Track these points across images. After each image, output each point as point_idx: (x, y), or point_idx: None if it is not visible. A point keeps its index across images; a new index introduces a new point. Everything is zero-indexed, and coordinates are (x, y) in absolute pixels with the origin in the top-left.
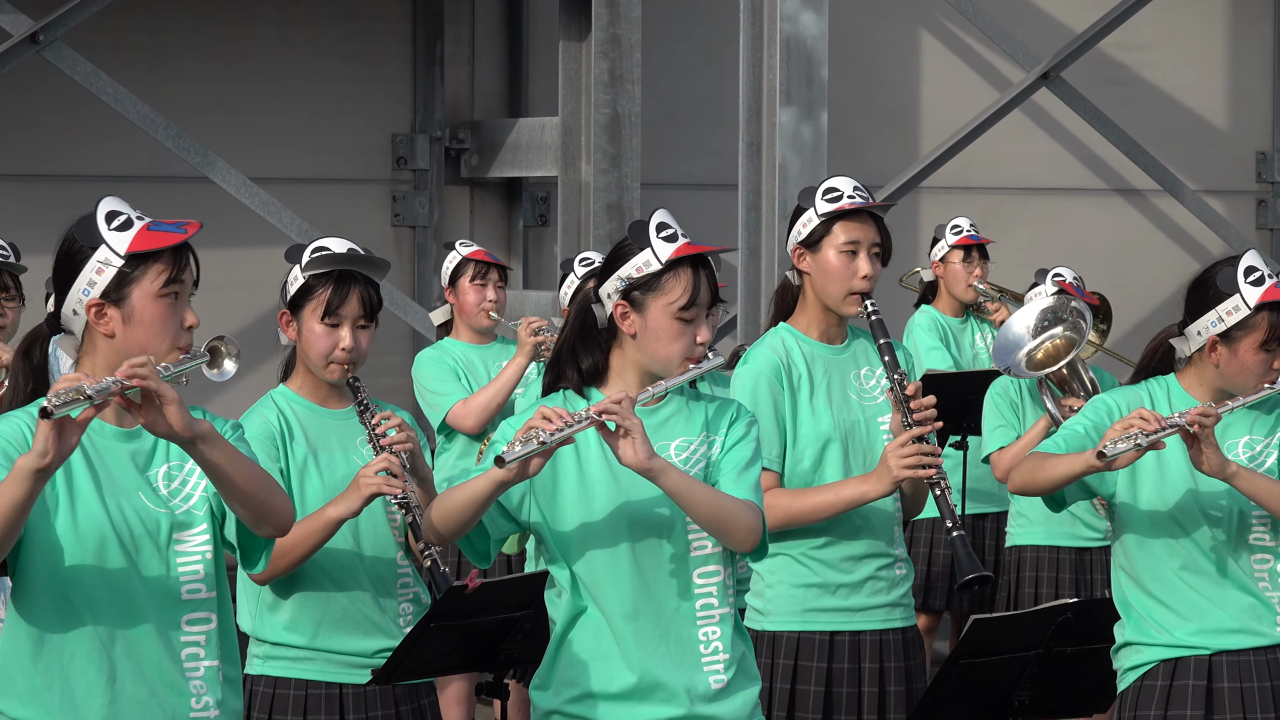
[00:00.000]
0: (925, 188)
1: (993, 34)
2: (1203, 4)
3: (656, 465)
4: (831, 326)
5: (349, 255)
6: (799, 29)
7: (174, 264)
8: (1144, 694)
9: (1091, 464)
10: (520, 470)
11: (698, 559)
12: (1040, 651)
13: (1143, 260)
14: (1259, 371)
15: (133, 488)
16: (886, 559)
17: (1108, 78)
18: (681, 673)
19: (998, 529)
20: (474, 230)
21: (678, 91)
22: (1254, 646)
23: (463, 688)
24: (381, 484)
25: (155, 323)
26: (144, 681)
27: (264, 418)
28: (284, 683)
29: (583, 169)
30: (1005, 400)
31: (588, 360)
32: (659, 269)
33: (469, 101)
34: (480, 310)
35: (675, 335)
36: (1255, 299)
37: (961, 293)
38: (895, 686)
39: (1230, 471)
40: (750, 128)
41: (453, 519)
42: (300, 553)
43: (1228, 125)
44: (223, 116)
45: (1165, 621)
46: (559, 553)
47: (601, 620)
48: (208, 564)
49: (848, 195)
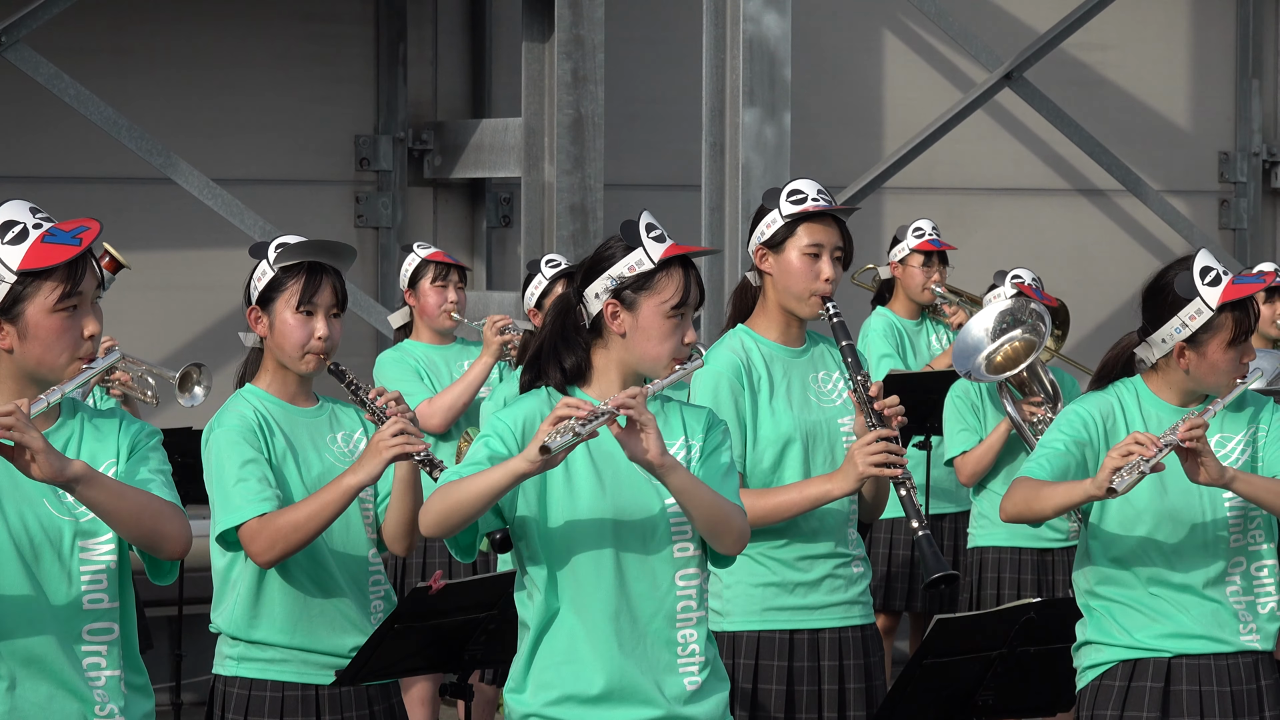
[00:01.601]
0: (888, 188)
1: (955, 34)
2: (1165, 4)
3: (668, 462)
4: (790, 329)
5: (319, 244)
6: (762, 30)
7: (69, 278)
8: (1102, 693)
9: (1092, 494)
10: (542, 466)
11: (680, 560)
12: (1004, 651)
13: (1106, 260)
14: (1230, 370)
15: (36, 495)
16: (843, 558)
17: (1070, 78)
18: (658, 674)
19: (957, 528)
20: (437, 231)
21: (641, 92)
22: (1214, 652)
23: (427, 688)
24: (403, 443)
25: (51, 337)
26: (44, 689)
27: (241, 413)
28: (260, 684)
29: (546, 170)
30: (966, 403)
31: (570, 359)
32: (651, 268)
33: (432, 102)
34: (441, 312)
35: (666, 335)
36: (1216, 300)
37: (918, 295)
38: (855, 684)
39: (1229, 477)
40: (713, 128)
41: (460, 512)
42: (313, 526)
43: (1190, 125)
44: (185, 118)
45: (1127, 622)
46: (541, 550)
47: (577, 621)
48: (111, 573)
49: (812, 198)
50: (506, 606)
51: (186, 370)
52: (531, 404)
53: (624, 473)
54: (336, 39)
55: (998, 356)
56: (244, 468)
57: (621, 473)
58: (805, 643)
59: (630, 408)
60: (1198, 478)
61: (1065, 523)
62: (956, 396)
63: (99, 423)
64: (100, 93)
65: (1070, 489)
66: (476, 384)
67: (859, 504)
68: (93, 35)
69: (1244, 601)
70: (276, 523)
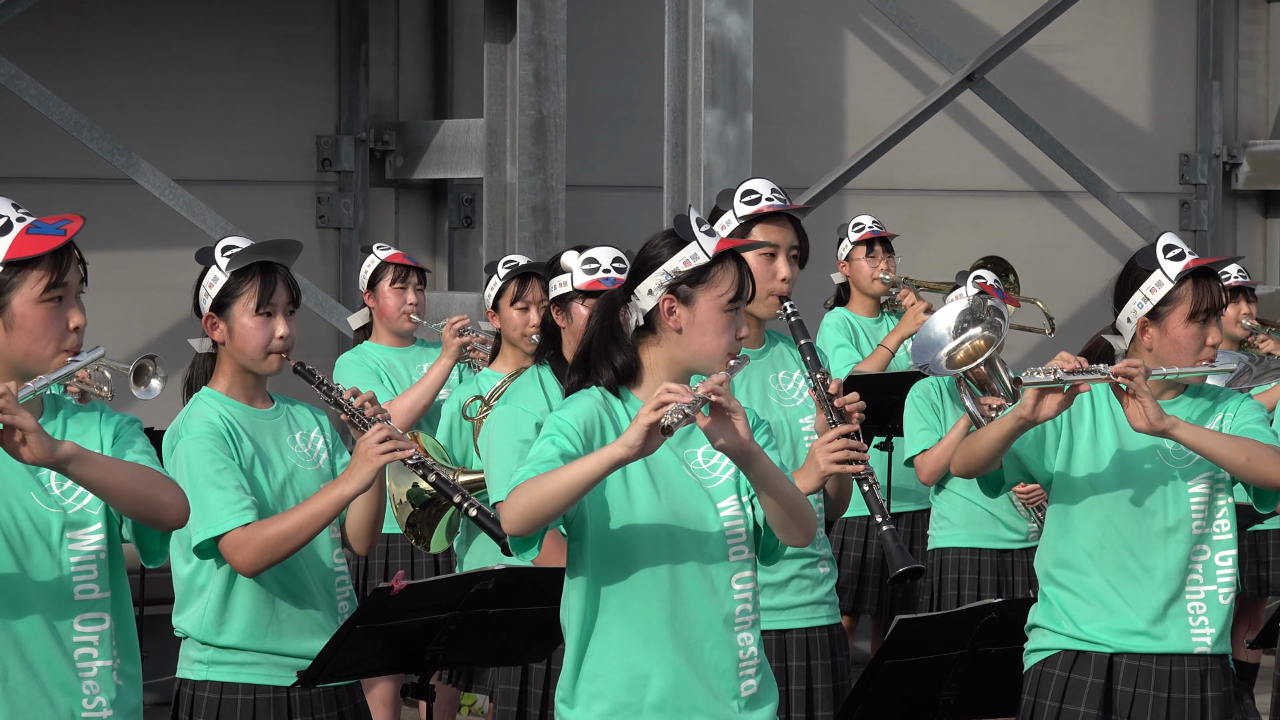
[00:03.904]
0: (850, 189)
1: (917, 36)
2: (1126, 7)
3: (754, 449)
4: (750, 329)
5: (267, 245)
6: (724, 31)
7: (55, 268)
8: (1044, 680)
9: (1019, 416)
10: (643, 449)
11: (736, 564)
12: (965, 652)
13: (1067, 262)
14: (1192, 347)
15: (23, 488)
16: (810, 558)
17: (1032, 80)
18: (716, 680)
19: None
20: (399, 232)
21: (603, 93)
22: (1157, 652)
23: (388, 689)
24: (392, 448)
25: (38, 328)
26: (35, 681)
27: (208, 419)
28: (230, 688)
29: (508, 171)
30: (926, 403)
31: (620, 358)
32: (707, 262)
33: (394, 103)
34: (401, 314)
35: (722, 329)
36: (1176, 271)
37: (868, 286)
38: (822, 684)
39: (1169, 424)
40: (675, 130)
41: (552, 503)
42: (302, 537)
43: (1151, 127)
44: (147, 118)
45: (1074, 612)
46: (595, 553)
47: (629, 628)
48: (101, 563)
49: (766, 197)
50: (468, 607)
51: (141, 363)
52: (586, 403)
53: (676, 481)
54: (298, 40)
55: (958, 354)
56: (220, 475)
57: (674, 481)
58: (772, 644)
59: (720, 394)
60: (1136, 423)
61: (1024, 523)
62: (917, 396)
63: (80, 416)
64: (61, 93)
65: (1002, 421)
66: (436, 386)
67: (824, 500)
68: (54, 35)
69: (1203, 592)
70: (265, 533)
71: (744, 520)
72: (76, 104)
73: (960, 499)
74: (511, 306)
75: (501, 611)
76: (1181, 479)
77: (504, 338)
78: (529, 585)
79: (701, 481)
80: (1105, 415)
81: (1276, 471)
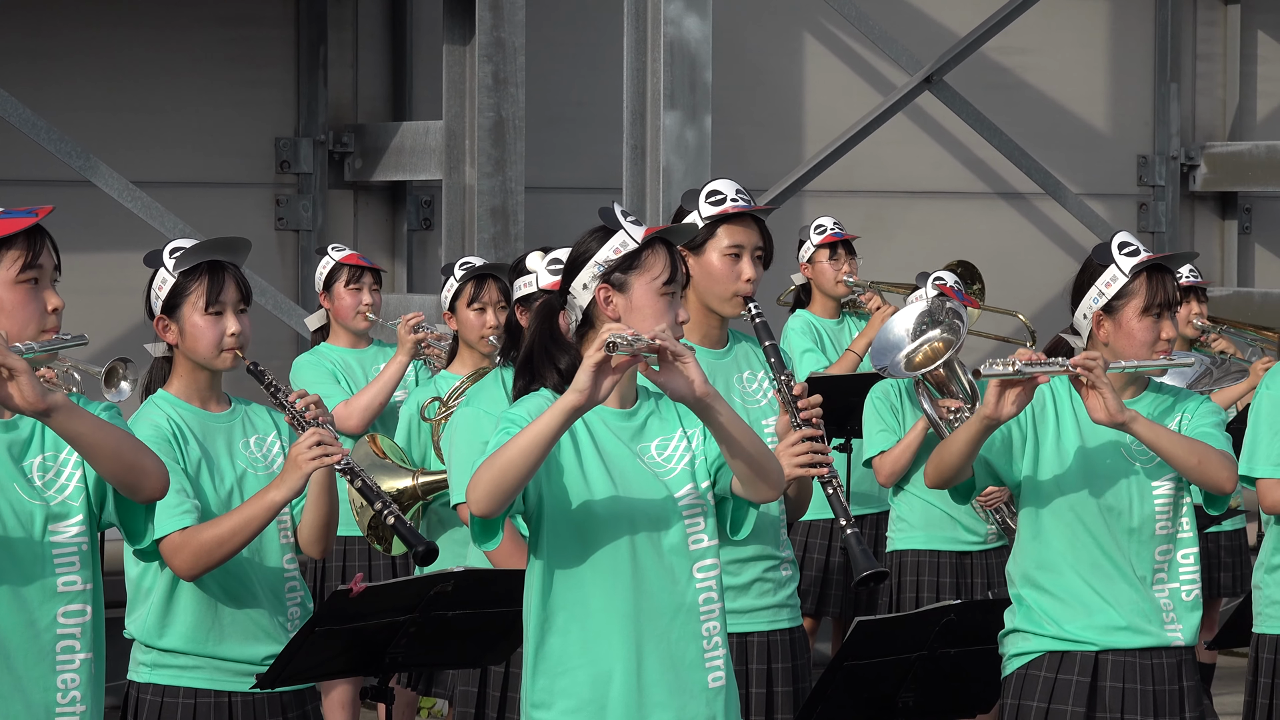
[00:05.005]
0: (809, 191)
1: (876, 38)
2: (1084, 9)
3: (710, 392)
4: (713, 329)
5: (214, 243)
6: (683, 33)
7: (29, 249)
8: (1028, 683)
9: (983, 415)
10: (592, 392)
11: (696, 553)
12: (924, 653)
13: (1025, 263)
14: (1147, 340)
15: (7, 480)
16: (773, 561)
17: (990, 81)
18: (685, 672)
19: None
20: (358, 234)
21: (562, 95)
22: (1140, 647)
23: (347, 692)
24: (321, 454)
25: (16, 309)
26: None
27: (154, 421)
28: (172, 691)
29: (467, 173)
30: (885, 404)
31: (565, 359)
32: (636, 248)
33: (352, 105)
34: (356, 314)
35: (661, 312)
36: (1130, 266)
37: (831, 289)
38: (783, 687)
39: (1128, 417)
40: (634, 132)
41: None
42: (236, 543)
43: (1109, 129)
44: (106, 120)
45: (1055, 613)
46: (553, 548)
47: (590, 623)
48: (83, 554)
49: (731, 198)
50: (427, 609)
51: (112, 365)
52: (538, 400)
53: (632, 474)
54: (257, 42)
55: (917, 356)
56: None
57: (630, 474)
58: (734, 646)
59: (666, 340)
60: (1095, 415)
61: (983, 525)
62: (876, 398)
63: None
64: (19, 95)
65: (968, 424)
66: (392, 383)
67: (785, 502)
68: (11, 38)
69: (1168, 589)
70: (200, 538)
71: (702, 507)
72: (35, 106)
73: (919, 501)
74: (468, 308)
75: (461, 614)
76: (1146, 477)
77: (461, 339)
78: (488, 587)
79: (657, 473)
80: (1068, 415)
81: (1225, 477)
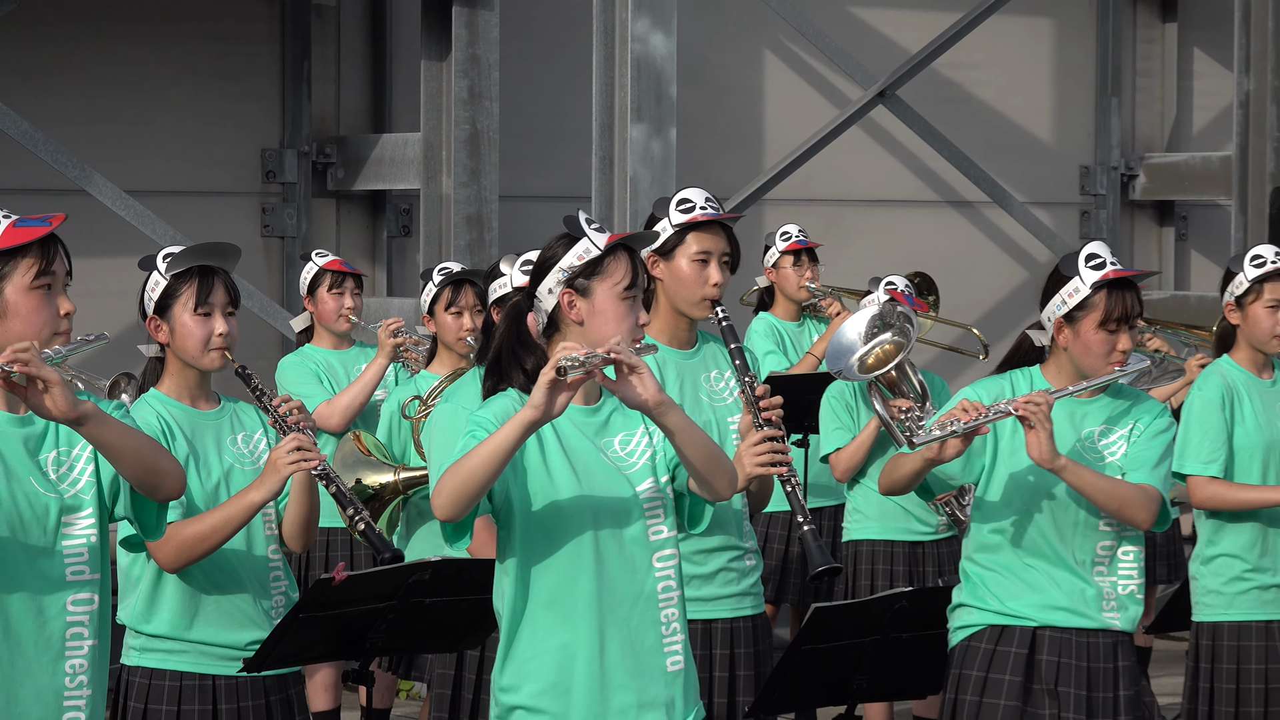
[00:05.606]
0: (769, 200)
1: (832, 54)
2: (1030, 27)
3: (664, 400)
4: (682, 331)
5: (206, 248)
6: (649, 49)
7: (43, 256)
8: (970, 653)
9: (927, 459)
10: (547, 407)
11: (655, 543)
12: (877, 638)
13: (974, 268)
14: (1102, 352)
15: (24, 473)
16: (737, 551)
17: (941, 96)
18: (644, 656)
19: (834, 523)
20: (340, 240)
21: (534, 109)
22: (1078, 627)
23: (330, 675)
24: (299, 460)
25: (31, 314)
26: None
27: (145, 419)
28: (159, 674)
29: (443, 182)
30: (841, 403)
31: (531, 360)
32: (599, 254)
33: (335, 118)
34: (339, 317)
35: (622, 316)
36: (1093, 280)
37: (794, 293)
38: (745, 671)
39: (1059, 464)
40: (603, 143)
41: (474, 480)
42: (217, 539)
43: (1053, 141)
44: (100, 132)
45: (999, 590)
46: (523, 540)
47: (557, 609)
48: (92, 546)
49: (700, 206)
50: (405, 597)
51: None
52: (504, 401)
53: (595, 468)
54: (244, 58)
55: (869, 358)
56: None
57: (594, 468)
58: (699, 632)
59: (619, 352)
60: (1030, 453)
61: (934, 517)
62: (832, 397)
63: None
64: (17, 109)
65: (913, 457)
66: (372, 385)
67: (748, 497)
68: (10, 54)
69: (1108, 582)
70: (183, 533)
71: (662, 499)
72: (32, 119)
73: (874, 494)
74: (446, 312)
75: (438, 601)
76: None
77: (439, 341)
78: (464, 576)
79: (619, 467)
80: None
81: (1143, 518)
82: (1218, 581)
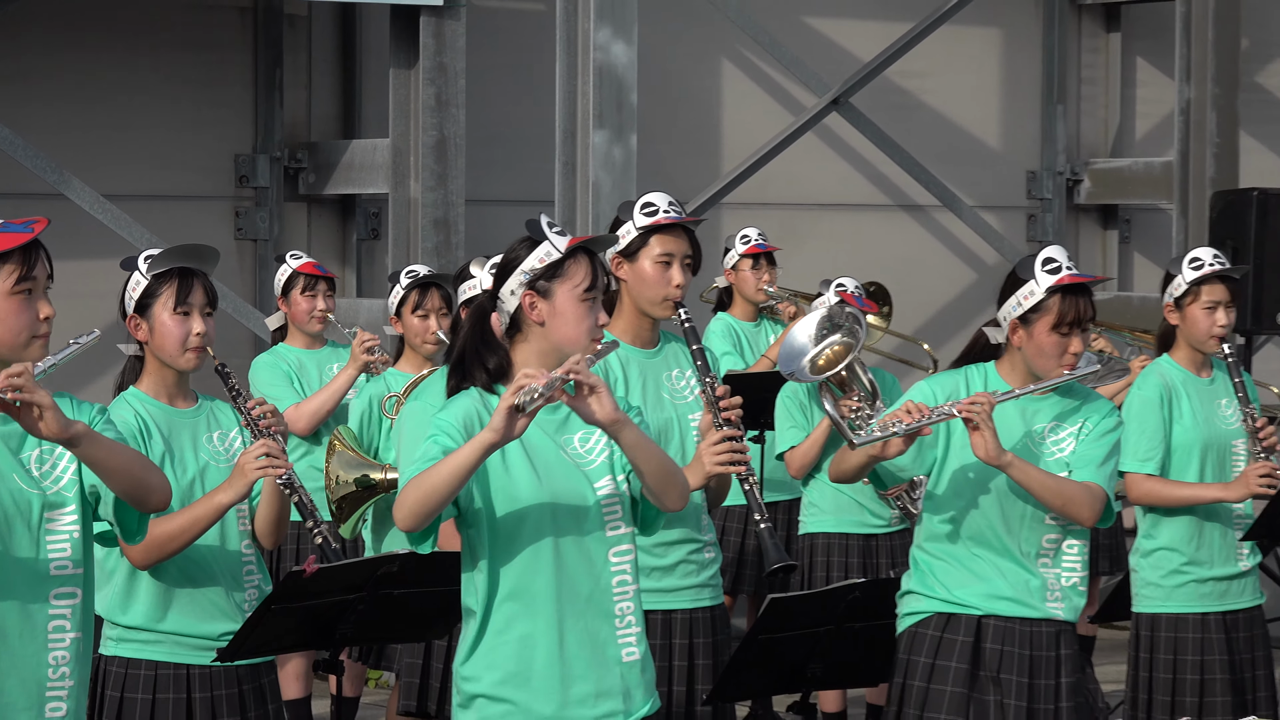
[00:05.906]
0: (726, 203)
1: (788, 63)
2: (978, 37)
3: (621, 418)
4: (645, 331)
5: (185, 250)
6: (610, 58)
7: (24, 262)
8: (917, 640)
9: (870, 454)
10: (506, 431)
11: (612, 539)
12: (831, 628)
13: (925, 270)
14: (1054, 354)
15: (7, 470)
16: (696, 544)
17: (893, 103)
18: (601, 647)
19: (790, 516)
20: (311, 243)
21: (499, 115)
22: (1021, 616)
23: (301, 664)
24: (266, 466)
25: (11, 318)
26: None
27: (122, 417)
28: (135, 663)
29: (412, 187)
30: (795, 402)
31: (493, 360)
32: (560, 257)
33: (306, 124)
34: (311, 318)
35: (581, 317)
36: (1048, 284)
37: (752, 295)
38: (703, 660)
39: (1005, 461)
40: (566, 149)
41: (435, 496)
42: (186, 538)
43: (1001, 146)
44: (78, 138)
45: (946, 579)
46: (489, 538)
47: (521, 603)
48: (75, 543)
49: (663, 210)
50: (375, 589)
51: None
52: (465, 402)
53: (555, 465)
54: (218, 65)
55: (820, 359)
56: None
57: (553, 465)
58: (659, 623)
59: (578, 372)
60: (977, 452)
61: (887, 510)
62: (786, 396)
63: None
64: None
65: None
66: (340, 393)
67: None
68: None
69: (1052, 574)
70: (154, 531)
71: (619, 498)
72: (12, 125)
73: (828, 488)
74: (413, 314)
75: (406, 592)
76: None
77: (406, 342)
78: (431, 568)
79: (579, 464)
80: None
81: (1086, 516)
82: (1156, 574)
